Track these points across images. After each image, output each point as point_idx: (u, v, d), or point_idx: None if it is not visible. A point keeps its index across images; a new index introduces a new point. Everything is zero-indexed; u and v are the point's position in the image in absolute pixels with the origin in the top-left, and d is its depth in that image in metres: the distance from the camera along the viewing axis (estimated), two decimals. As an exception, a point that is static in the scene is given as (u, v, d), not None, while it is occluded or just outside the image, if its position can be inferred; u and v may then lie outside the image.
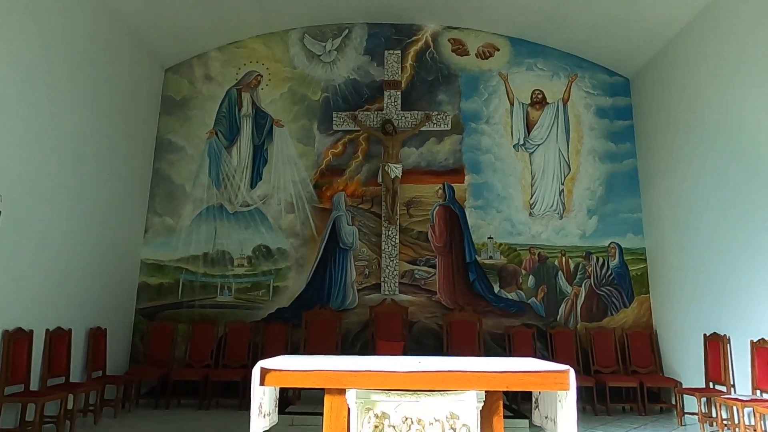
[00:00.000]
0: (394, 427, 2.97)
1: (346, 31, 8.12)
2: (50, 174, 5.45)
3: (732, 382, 5.52)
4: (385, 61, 8.00)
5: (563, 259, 7.44)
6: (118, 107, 6.74)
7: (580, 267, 7.42)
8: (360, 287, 7.35)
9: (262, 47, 8.08)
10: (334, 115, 7.81)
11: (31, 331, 5.00)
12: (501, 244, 7.48)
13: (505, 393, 5.96)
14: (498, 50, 8.08)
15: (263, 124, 7.89)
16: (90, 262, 6.16)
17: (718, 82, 5.99)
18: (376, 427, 2.95)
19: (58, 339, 5.42)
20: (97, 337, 6.15)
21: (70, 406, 5.03)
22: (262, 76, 8.01)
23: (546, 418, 3.44)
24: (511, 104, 7.93)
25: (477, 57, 8.06)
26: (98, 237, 6.33)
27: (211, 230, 7.53)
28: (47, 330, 5.31)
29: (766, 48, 5.24)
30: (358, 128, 7.76)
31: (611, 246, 7.46)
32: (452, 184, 7.62)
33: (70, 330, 5.61)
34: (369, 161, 7.72)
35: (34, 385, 5.02)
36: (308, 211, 7.59)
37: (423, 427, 2.96)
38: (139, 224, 7.41)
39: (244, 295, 7.36)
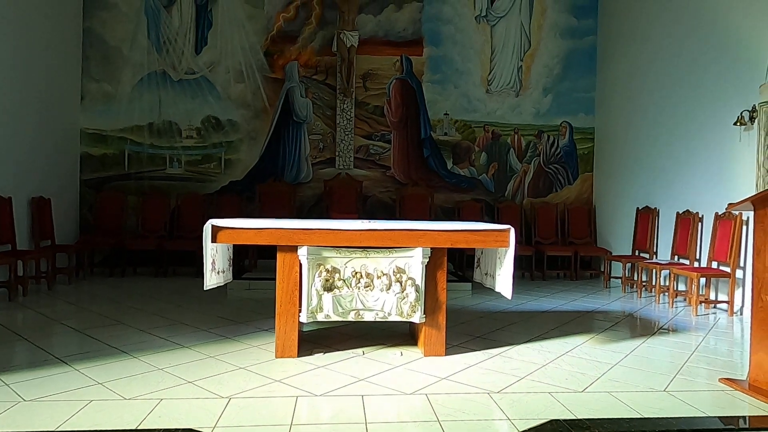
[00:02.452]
0: (344, 280, 3.14)
1: None
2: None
3: (655, 250, 6.08)
4: None
5: (516, 137, 7.56)
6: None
7: (531, 145, 7.59)
8: (314, 161, 7.31)
9: None
10: (285, -28, 7.13)
11: (-33, 198, 4.77)
12: (456, 121, 7.47)
13: (451, 260, 6.37)
14: None
15: (206, -19, 7.13)
16: (25, 130, 5.75)
17: (688, -47, 5.76)
18: (327, 280, 3.11)
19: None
20: (41, 207, 5.97)
21: (20, 273, 5.01)
22: None
23: (486, 274, 3.72)
24: (476, -30, 7.44)
25: None
26: (33, 105, 5.86)
27: (155, 99, 7.09)
28: (-16, 197, 5.08)
29: None
30: (313, -10, 7.15)
31: (562, 125, 7.60)
32: (410, 57, 7.34)
33: (10, 198, 5.39)
34: (323, 28, 7.24)
35: (-22, 252, 4.92)
36: (259, 80, 7.21)
37: (371, 280, 3.14)
38: (74, 90, 6.87)
39: (195, 167, 7.19)
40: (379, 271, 3.15)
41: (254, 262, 6.62)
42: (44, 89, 6.17)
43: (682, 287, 5.42)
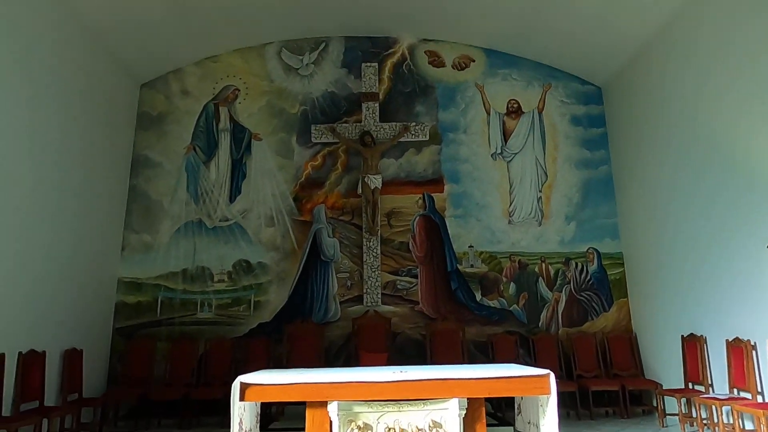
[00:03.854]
0: (377, 438, 2.96)
1: (323, 44, 8.17)
2: (26, 191, 5.34)
3: (710, 382, 5.62)
4: (363, 73, 8.06)
5: (543, 265, 7.52)
6: (93, 124, 6.65)
7: (559, 273, 7.51)
8: (342, 299, 7.32)
9: (240, 61, 8.08)
10: (313, 127, 7.83)
11: (2, 355, 4.84)
12: (482, 253, 7.53)
13: (489, 401, 5.98)
14: (473, 61, 8.21)
15: (241, 138, 7.86)
16: (65, 282, 6.02)
17: (687, 90, 6.16)
18: (358, 438, 2.93)
19: (32, 362, 5.26)
20: (73, 359, 5.99)
21: (44, 432, 4.89)
22: (239, 90, 7.99)
23: (529, 423, 3.46)
24: (488, 114, 8.04)
25: (453, 68, 8.17)
26: (74, 255, 6.20)
27: (190, 246, 7.43)
28: (20, 353, 5.15)
29: (732, 57, 5.42)
30: (337, 140, 7.78)
31: (589, 251, 7.57)
32: (432, 194, 7.67)
33: (44, 352, 5.45)
34: (348, 173, 7.74)
35: (6, 411, 4.86)
36: (288, 224, 7.55)
37: (406, 437, 2.95)
38: (115, 241, 7.28)
39: (225, 311, 7.27)
40: (413, 426, 2.97)
41: (281, 409, 6.33)
42: (89, 243, 6.56)
43: (749, 425, 4.90)
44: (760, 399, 4.85)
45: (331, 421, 2.97)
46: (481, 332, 7.19)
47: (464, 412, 2.98)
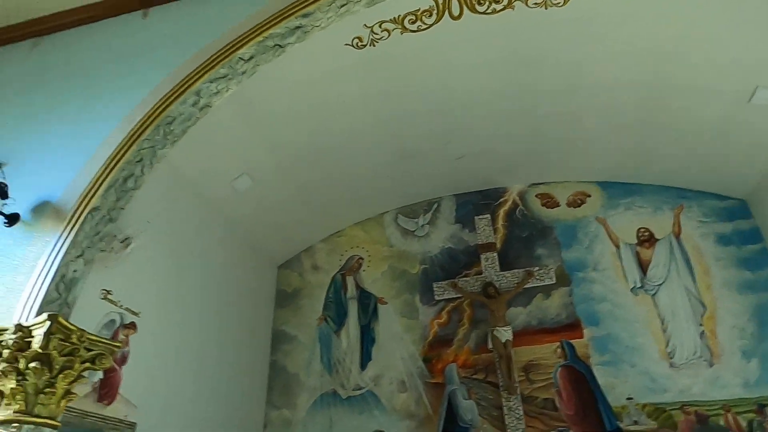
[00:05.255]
0: None
1: (436, 205, 8.60)
2: (173, 377, 5.88)
3: None
4: (477, 226, 8.20)
5: (729, 416, 6.15)
6: (238, 307, 7.39)
7: (755, 424, 6.05)
8: (489, 472, 6.52)
9: (361, 233, 8.74)
10: (435, 285, 7.89)
11: None
12: (645, 405, 6.43)
13: None
14: (589, 196, 8.00)
15: (368, 304, 8.13)
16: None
17: None
18: None
19: None
20: None
21: None
22: (363, 259, 8.51)
23: None
24: (617, 247, 7.52)
25: (568, 206, 8.00)
26: (220, 438, 6.45)
27: (326, 420, 7.37)
28: None
29: None
30: (460, 295, 7.69)
31: (789, 394, 6.10)
32: (571, 341, 7.00)
33: None
34: (476, 327, 7.46)
35: None
36: (420, 387, 7.26)
37: None
38: (257, 420, 7.49)
39: (364, 491, 6.81)
40: None
41: None
42: (234, 421, 6.82)
43: None
44: None
45: None
46: None
47: None
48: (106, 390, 4.74)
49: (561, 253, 7.68)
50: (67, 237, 3.86)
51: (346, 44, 5.50)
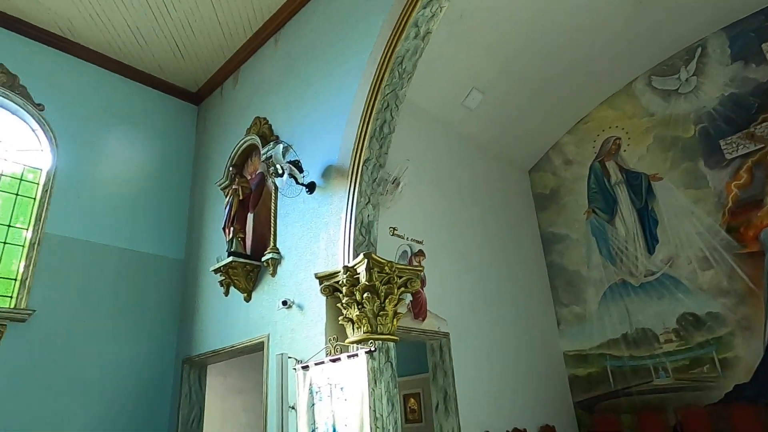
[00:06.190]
0: None
1: (699, 49, 7.08)
2: (465, 289, 6.43)
3: None
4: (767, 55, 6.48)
5: None
6: (501, 218, 7.58)
7: None
8: None
9: (610, 111, 7.85)
10: (722, 143, 6.63)
11: (495, 433, 5.63)
12: None
13: None
14: None
15: (638, 185, 7.36)
16: (523, 363, 6.69)
17: None
18: None
19: (518, 439, 5.90)
20: (549, 435, 6.41)
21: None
22: (620, 139, 7.67)
23: None
24: None
25: None
26: (522, 337, 6.89)
27: (621, 309, 7.14)
28: (507, 431, 5.87)
29: None
30: (762, 145, 6.29)
31: None
32: None
33: (525, 430, 6.04)
34: (794, 179, 6.04)
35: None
36: (730, 261, 6.33)
37: None
38: (550, 318, 7.72)
39: (685, 374, 6.43)
40: None
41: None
42: (532, 322, 7.19)
43: None
44: None
45: None
46: None
47: None
48: (418, 309, 5.49)
49: None
50: (353, 189, 4.49)
51: None
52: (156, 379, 6.13)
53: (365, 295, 3.98)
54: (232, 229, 5.58)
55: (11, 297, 5.46)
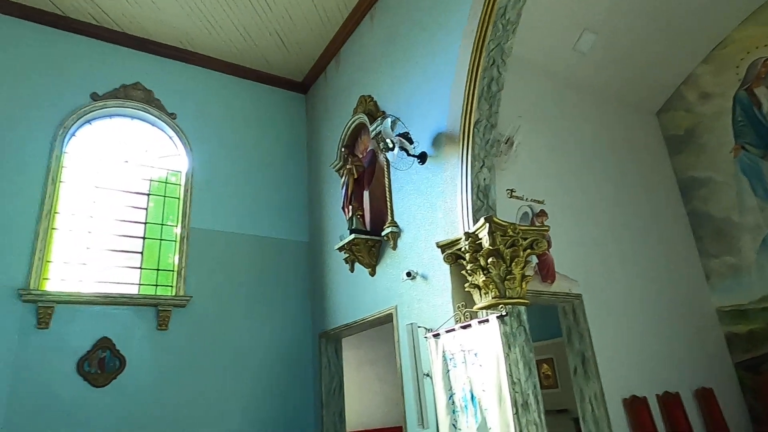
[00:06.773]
0: None
1: None
2: (595, 248, 6.01)
3: None
4: None
5: None
6: (630, 169, 6.94)
7: None
8: None
9: (755, 29, 6.75)
10: None
11: (644, 398, 5.25)
12: None
13: None
14: None
15: (800, 110, 6.28)
16: (669, 322, 6.14)
17: None
18: None
19: (670, 403, 5.46)
20: (706, 399, 5.84)
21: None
22: (770, 59, 6.58)
23: None
24: None
25: None
26: (664, 295, 6.32)
27: (788, 256, 6.22)
28: (657, 395, 5.46)
29: None
30: None
31: None
32: None
33: (677, 393, 5.57)
34: None
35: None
36: None
37: None
38: (697, 272, 6.97)
39: None
40: None
41: None
42: (671, 277, 6.56)
43: None
44: None
45: None
46: None
47: None
48: (545, 271, 5.26)
49: None
50: (466, 154, 4.37)
51: None
52: (298, 353, 6.61)
53: (490, 260, 3.88)
54: (350, 207, 5.76)
55: (172, 286, 6.20)
